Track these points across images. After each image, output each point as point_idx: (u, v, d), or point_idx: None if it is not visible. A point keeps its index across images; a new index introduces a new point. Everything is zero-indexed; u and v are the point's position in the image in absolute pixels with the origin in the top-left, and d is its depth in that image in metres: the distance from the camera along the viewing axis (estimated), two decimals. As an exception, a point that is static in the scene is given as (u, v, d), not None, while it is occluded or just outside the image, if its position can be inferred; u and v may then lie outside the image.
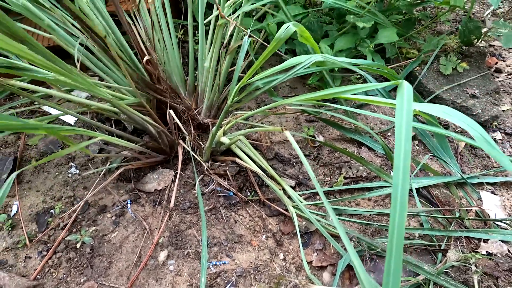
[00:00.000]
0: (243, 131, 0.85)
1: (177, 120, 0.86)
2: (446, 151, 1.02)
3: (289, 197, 0.88)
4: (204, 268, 0.73)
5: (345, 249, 0.80)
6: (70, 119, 1.17)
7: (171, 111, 0.85)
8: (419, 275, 0.73)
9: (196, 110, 1.05)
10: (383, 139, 1.10)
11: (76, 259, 0.80)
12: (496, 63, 1.42)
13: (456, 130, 1.15)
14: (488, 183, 0.99)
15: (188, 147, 0.92)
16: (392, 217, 0.38)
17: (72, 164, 1.03)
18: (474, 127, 0.45)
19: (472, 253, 0.71)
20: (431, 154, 1.02)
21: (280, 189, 0.88)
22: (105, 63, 1.00)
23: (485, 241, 0.81)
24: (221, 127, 0.93)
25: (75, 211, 0.88)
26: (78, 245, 0.80)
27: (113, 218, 0.89)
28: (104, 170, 1.00)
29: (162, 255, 0.81)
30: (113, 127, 1.08)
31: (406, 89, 0.40)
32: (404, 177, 0.39)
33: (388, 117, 0.59)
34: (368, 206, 0.93)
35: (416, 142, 1.11)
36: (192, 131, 0.98)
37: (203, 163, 0.94)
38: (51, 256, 0.80)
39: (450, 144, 1.07)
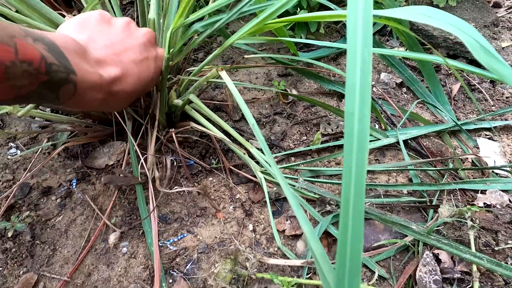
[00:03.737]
0: (191, 88, 0.71)
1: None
2: (440, 97, 0.89)
3: (258, 162, 0.76)
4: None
5: (322, 214, 0.70)
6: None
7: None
8: (407, 236, 0.63)
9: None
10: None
11: (14, 250, 0.70)
12: (495, -5, 1.25)
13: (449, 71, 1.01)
14: (485, 129, 0.87)
15: (134, 114, 0.79)
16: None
17: (12, 144, 0.90)
18: (468, 31, 0.32)
19: (468, 206, 0.60)
20: (420, 100, 0.88)
21: (244, 153, 0.76)
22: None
23: (483, 192, 0.71)
24: (171, 87, 0.79)
25: (10, 196, 0.77)
26: (9, 234, 0.69)
27: (58, 200, 0.78)
28: (49, 148, 0.88)
29: (113, 237, 0.70)
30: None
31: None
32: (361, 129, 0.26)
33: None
34: (350, 165, 0.82)
35: (404, 89, 0.98)
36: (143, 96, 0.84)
37: (158, 131, 0.81)
38: (-15, 248, 0.70)
39: (443, 89, 0.93)
